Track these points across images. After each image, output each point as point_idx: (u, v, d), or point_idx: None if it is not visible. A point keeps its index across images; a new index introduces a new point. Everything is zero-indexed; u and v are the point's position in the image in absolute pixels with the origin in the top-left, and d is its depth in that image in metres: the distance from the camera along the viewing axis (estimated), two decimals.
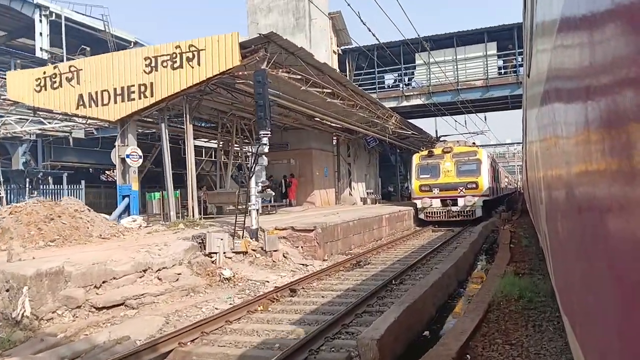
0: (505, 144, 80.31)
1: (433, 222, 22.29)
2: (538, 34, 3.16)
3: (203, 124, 21.04)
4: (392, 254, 13.51)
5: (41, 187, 26.31)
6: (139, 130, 26.40)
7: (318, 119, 21.04)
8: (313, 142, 22.91)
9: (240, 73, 12.51)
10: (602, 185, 1.15)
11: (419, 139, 31.13)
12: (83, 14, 29.20)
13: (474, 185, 21.62)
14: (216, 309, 7.47)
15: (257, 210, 11.81)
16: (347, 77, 25.80)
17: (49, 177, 27.28)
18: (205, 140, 21.74)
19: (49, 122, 21.77)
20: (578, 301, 2.06)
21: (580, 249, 1.75)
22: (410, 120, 29.43)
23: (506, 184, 43.20)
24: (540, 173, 4.35)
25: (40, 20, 27.15)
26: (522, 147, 17.90)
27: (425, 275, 9.60)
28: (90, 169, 31.94)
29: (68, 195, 27.83)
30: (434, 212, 22.17)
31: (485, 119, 31.20)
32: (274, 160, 23.16)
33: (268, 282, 9.24)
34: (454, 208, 21.90)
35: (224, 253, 9.70)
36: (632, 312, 0.96)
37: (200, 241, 9.72)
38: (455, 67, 24.69)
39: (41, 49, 26.65)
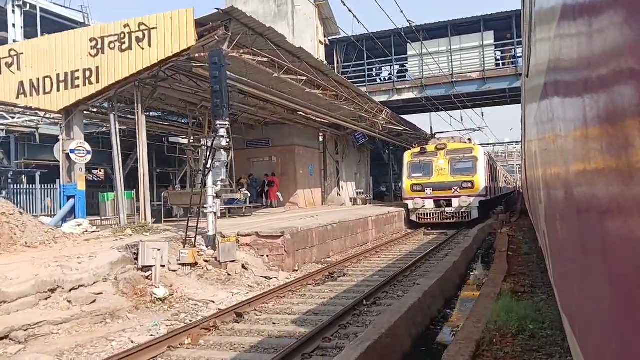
0: (504, 143, 79.13)
1: (426, 225, 20.68)
2: (537, 31, 3.13)
3: (178, 119, 19.43)
4: (374, 263, 11.88)
5: (11, 186, 24.79)
6: (123, 127, 24.88)
7: (302, 113, 19.44)
8: (296, 138, 21.27)
9: (198, 55, 10.88)
10: (600, 184, 1.16)
11: (413, 136, 29.52)
12: (61, 6, 27.69)
13: (469, 185, 20.03)
14: (131, 342, 5.84)
15: (215, 213, 10.18)
16: (335, 70, 24.21)
17: (22, 176, 25.72)
18: (184, 137, 20.11)
19: (12, 117, 20.14)
20: (577, 300, 2.08)
21: (579, 249, 1.77)
22: (403, 116, 27.85)
23: (505, 183, 41.66)
24: (540, 172, 4.32)
25: (14, 11, 25.50)
26: (521, 146, 17.26)
27: (405, 292, 7.99)
28: None
29: (41, 195, 26.32)
30: (427, 213, 20.57)
31: (483, 115, 29.66)
32: (254, 158, 21.58)
33: (214, 302, 7.61)
34: (448, 209, 20.30)
35: (164, 266, 8.06)
36: (630, 311, 0.98)
37: (135, 252, 8.08)
38: (450, 58, 23.07)
39: (14, 42, 25.05)
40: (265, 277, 9.57)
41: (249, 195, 16.78)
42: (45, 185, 25.62)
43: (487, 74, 22.32)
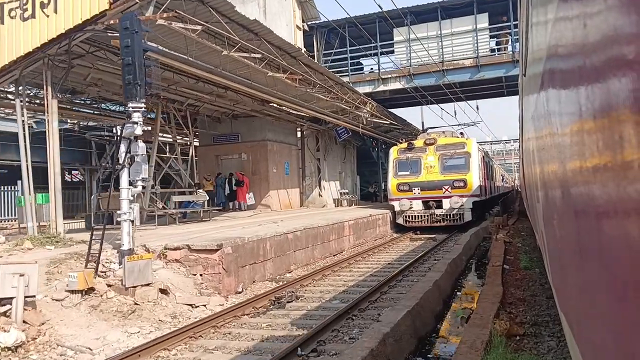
0: (502, 141, 77.27)
1: (414, 229, 18.56)
2: (534, 30, 3.15)
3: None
4: (341, 280, 9.73)
5: None
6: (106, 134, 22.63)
7: (275, 105, 17.30)
8: (269, 133, 19.07)
9: (114, 22, 8.70)
10: (598, 183, 1.15)
11: (403, 131, 27.39)
12: None
13: (461, 184, 17.89)
14: None
15: (131, 221, 8.02)
16: (315, 58, 22.06)
17: None
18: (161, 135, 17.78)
19: None
20: (574, 299, 2.10)
21: (577, 248, 1.79)
22: (391, 110, 25.71)
23: (502, 182, 39.59)
24: (537, 171, 4.34)
25: None
26: (519, 145, 16.42)
27: (363, 330, 5.87)
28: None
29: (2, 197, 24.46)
30: (415, 216, 18.43)
31: (478, 109, 27.51)
32: (223, 156, 19.42)
33: (91, 349, 5.46)
34: (438, 211, 18.16)
35: (33, 296, 5.89)
36: (627, 310, 0.97)
37: None
38: (440, 44, 20.91)
39: None
40: (190, 305, 7.42)
41: (207, 198, 14.60)
42: (7, 187, 23.83)
43: (482, 60, 20.15)
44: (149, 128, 15.04)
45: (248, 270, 9.03)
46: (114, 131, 17.44)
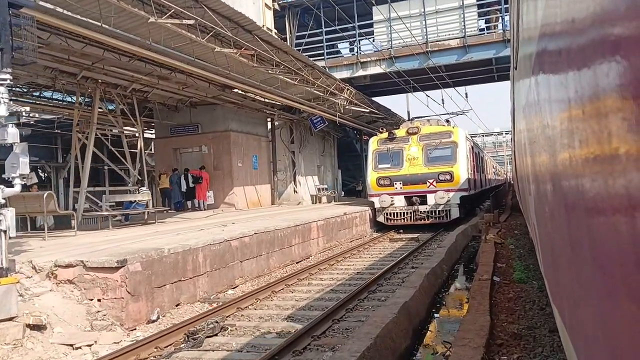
0: (494, 133, 75.82)
1: (397, 227, 16.72)
2: (524, 20, 3.17)
3: (64, 97, 15.19)
4: (292, 299, 7.80)
5: None
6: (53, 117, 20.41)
7: (240, 91, 15.32)
8: (233, 123, 17.04)
9: None
10: (587, 174, 1.16)
11: (387, 121, 25.48)
12: None
13: (447, 177, 16.06)
14: None
15: (4, 232, 6.04)
16: (288, 41, 20.07)
17: None
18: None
19: None
20: (566, 291, 2.11)
21: (566, 239, 1.80)
22: (375, 99, 23.79)
23: (494, 174, 37.88)
24: (529, 163, 4.35)
25: None
26: (511, 138, 15.46)
27: None
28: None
29: None
30: (397, 213, 16.60)
31: (467, 96, 25.66)
32: (183, 149, 17.39)
33: None
34: (422, 208, 16.33)
35: None
36: (617, 301, 0.97)
37: None
38: (424, 23, 18.96)
39: None
40: (71, 346, 5.47)
41: (150, 198, 12.60)
42: None
43: (469, 40, 18.22)
44: (50, 114, 13.04)
45: (169, 290, 7.09)
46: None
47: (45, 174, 30.82)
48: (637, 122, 0.72)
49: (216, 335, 5.96)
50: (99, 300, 6.37)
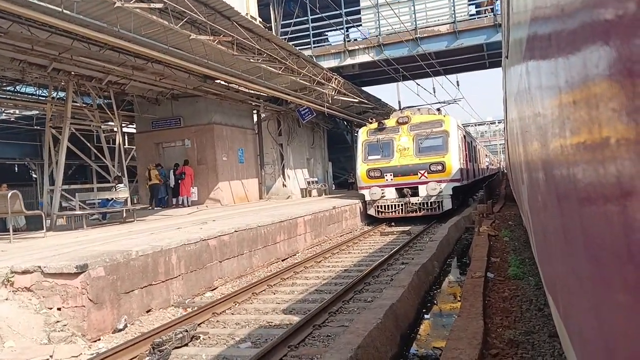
0: (487, 122, 75.59)
1: (388, 220, 16.27)
2: (514, 14, 3.21)
3: (37, 91, 14.50)
4: (274, 302, 7.29)
5: None
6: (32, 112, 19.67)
7: (222, 81, 14.71)
8: (217, 115, 16.42)
9: None
10: (578, 163, 1.15)
11: (377, 111, 24.93)
12: None
13: (439, 167, 15.59)
14: None
15: None
16: (273, 30, 19.42)
17: None
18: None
19: None
20: (560, 279, 2.11)
21: (559, 228, 1.80)
22: (365, 89, 23.23)
23: (487, 164, 37.53)
24: (521, 152, 4.38)
25: None
26: (504, 127, 15.26)
27: None
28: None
29: None
30: (388, 205, 16.15)
31: (458, 84, 25.11)
32: (165, 143, 16.78)
33: None
34: (413, 199, 15.87)
35: None
36: (611, 289, 0.97)
37: None
38: (413, 8, 18.37)
39: None
40: None
41: (128, 195, 12.01)
42: None
43: (459, 26, 17.66)
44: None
45: (138, 296, 6.56)
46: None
47: (32, 172, 30.10)
48: (627, 110, 0.70)
49: (186, 345, 5.46)
50: (58, 309, 5.83)
